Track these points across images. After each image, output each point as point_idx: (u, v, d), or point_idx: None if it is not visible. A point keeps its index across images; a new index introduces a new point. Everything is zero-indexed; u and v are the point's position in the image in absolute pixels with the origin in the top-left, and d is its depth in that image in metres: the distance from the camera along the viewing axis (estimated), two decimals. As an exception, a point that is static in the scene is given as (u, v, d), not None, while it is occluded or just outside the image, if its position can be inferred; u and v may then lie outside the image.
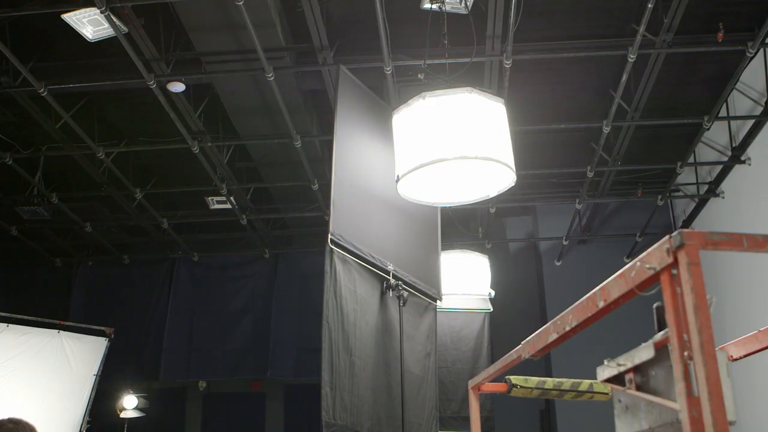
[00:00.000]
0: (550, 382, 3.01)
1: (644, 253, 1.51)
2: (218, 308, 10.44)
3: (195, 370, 10.32)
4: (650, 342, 1.59)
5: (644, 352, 1.62)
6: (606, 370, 1.76)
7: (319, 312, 4.35)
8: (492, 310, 7.75)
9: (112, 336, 8.37)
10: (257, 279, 10.52)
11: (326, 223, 4.63)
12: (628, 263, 1.58)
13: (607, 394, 2.92)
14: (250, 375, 10.72)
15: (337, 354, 4.29)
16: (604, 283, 1.69)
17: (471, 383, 2.91)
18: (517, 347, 2.48)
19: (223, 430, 11.71)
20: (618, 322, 4.82)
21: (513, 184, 4.44)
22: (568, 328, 1.97)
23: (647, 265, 1.49)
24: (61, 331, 8.15)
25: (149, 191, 8.82)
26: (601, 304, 1.72)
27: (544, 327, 2.14)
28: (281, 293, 10.28)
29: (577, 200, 8.91)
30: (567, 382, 3.01)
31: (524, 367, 2.85)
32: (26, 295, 10.51)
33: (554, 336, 2.07)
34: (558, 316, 2.01)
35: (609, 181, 8.63)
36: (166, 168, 8.86)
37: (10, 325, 7.82)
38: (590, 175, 8.06)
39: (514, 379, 2.93)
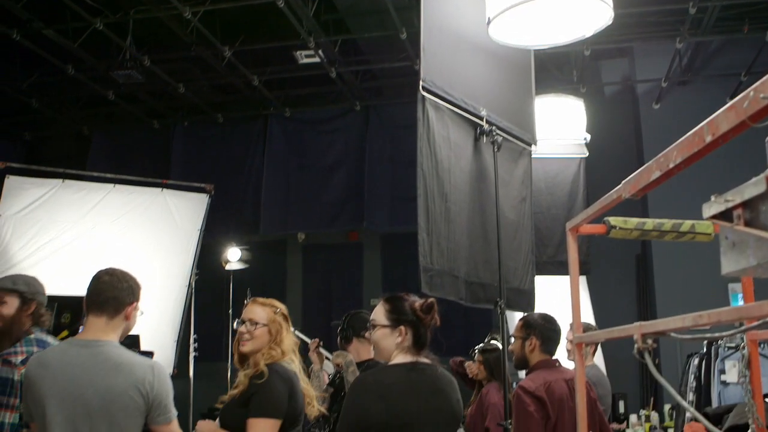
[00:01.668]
0: (650, 222, 2.95)
1: (758, 83, 1.42)
2: (312, 162, 10.60)
3: (293, 222, 10.61)
4: (761, 176, 1.52)
5: (754, 187, 1.55)
6: (712, 207, 1.70)
7: (412, 162, 4.34)
8: (587, 155, 7.60)
9: (212, 192, 8.64)
10: (349, 132, 10.57)
11: (416, 73, 4.55)
12: (732, 103, 1.50)
13: (709, 234, 2.85)
14: (347, 226, 10.97)
15: (432, 201, 4.31)
16: (713, 116, 1.61)
17: (569, 225, 2.88)
18: (617, 187, 2.43)
19: (323, 279, 12.15)
20: (715, 165, 4.68)
21: (610, 23, 4.23)
22: (671, 165, 1.90)
23: (762, 95, 1.41)
24: (164, 190, 8.46)
25: (238, 49, 8.83)
26: (709, 139, 1.65)
27: (646, 165, 2.07)
28: (373, 145, 10.33)
29: (678, 39, 8.47)
30: (668, 223, 2.95)
31: (620, 212, 2.81)
32: (128, 157, 10.88)
33: (657, 174, 2.01)
34: (661, 153, 1.94)
35: (712, 17, 8.14)
36: (253, 24, 8.81)
37: (116, 185, 8.16)
38: (692, 11, 7.62)
39: (613, 220, 2.87)
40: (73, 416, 2.70)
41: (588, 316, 7.45)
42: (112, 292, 2.88)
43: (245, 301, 3.51)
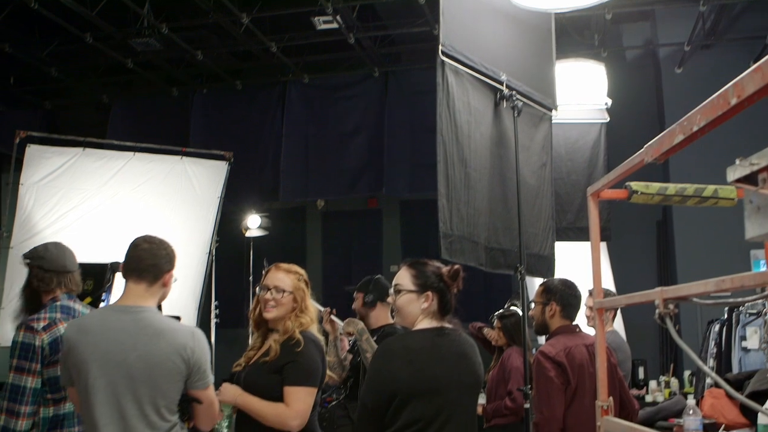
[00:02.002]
0: (672, 187, 2.92)
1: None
2: (331, 129, 10.56)
3: (312, 189, 10.61)
4: (788, 138, 1.50)
5: (780, 150, 1.53)
6: (737, 170, 1.68)
7: (432, 128, 4.32)
8: (608, 120, 7.52)
9: (232, 160, 8.65)
10: (368, 98, 10.52)
11: (435, 38, 4.51)
12: (757, 66, 1.47)
13: (732, 199, 2.82)
14: (366, 192, 10.96)
15: (452, 166, 4.29)
16: (738, 78, 1.58)
17: (590, 190, 2.86)
18: (639, 151, 2.40)
19: (343, 245, 12.18)
20: (737, 129, 4.62)
21: (632, -16, 4.17)
22: (695, 129, 1.88)
23: (790, 55, 1.38)
24: (184, 157, 8.48)
25: (256, 15, 8.78)
26: (734, 101, 1.62)
27: (669, 129, 2.05)
28: (393, 111, 10.28)
29: (701, 1, 8.32)
30: (690, 188, 2.92)
31: (641, 178, 2.78)
32: (148, 125, 10.89)
33: (680, 137, 1.98)
34: (684, 117, 1.91)
35: (737, -23, 8.00)
36: (270, -10, 8.77)
37: (136, 153, 8.19)
38: (716, -29, 7.49)
39: (635, 185, 2.85)
40: (115, 380, 2.74)
41: (608, 282, 7.43)
42: (152, 260, 2.91)
43: (263, 268, 3.52)
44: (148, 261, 2.90)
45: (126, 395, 2.74)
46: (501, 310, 5.44)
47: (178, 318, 4.69)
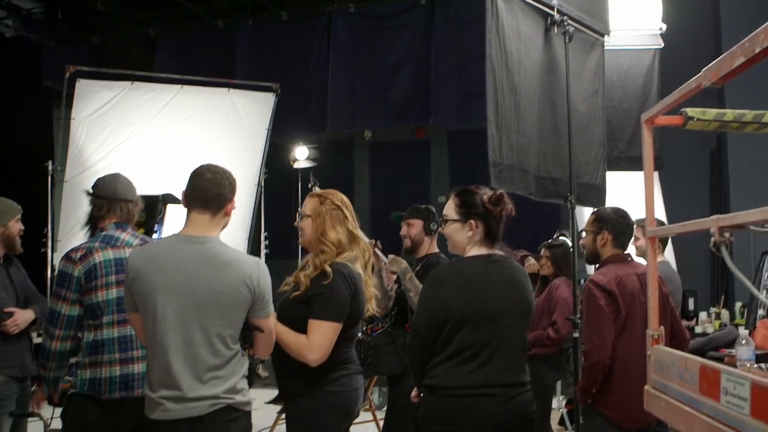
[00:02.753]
0: (729, 113, 2.83)
1: None
2: (378, 58, 10.44)
3: (359, 119, 10.56)
4: None
5: None
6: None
7: (480, 57, 4.25)
8: (662, 46, 7.30)
9: (279, 91, 8.64)
10: (414, 27, 10.34)
11: (483, -37, 4.39)
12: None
13: (792, 125, 2.73)
14: (414, 122, 10.89)
15: (501, 94, 4.23)
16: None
17: (644, 116, 2.79)
18: (697, 75, 2.33)
19: (390, 176, 12.18)
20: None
21: None
22: (757, 50, 1.80)
23: None
24: (231, 90, 8.50)
25: (301, -56, 8.65)
26: (801, 19, 1.55)
27: (729, 51, 1.97)
28: (440, 40, 10.10)
29: None
30: (749, 114, 2.83)
31: (695, 106, 2.70)
32: (194, 58, 10.89)
33: (741, 59, 1.91)
34: (746, 38, 1.84)
35: None
36: None
37: (183, 86, 8.22)
38: None
39: (691, 111, 2.76)
40: (183, 308, 2.79)
41: (659, 212, 7.31)
42: (216, 189, 2.92)
43: (310, 188, 3.51)
44: (213, 191, 2.92)
45: (193, 323, 2.79)
46: (550, 240, 5.40)
47: None
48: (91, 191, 3.50)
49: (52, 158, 7.92)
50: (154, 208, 3.20)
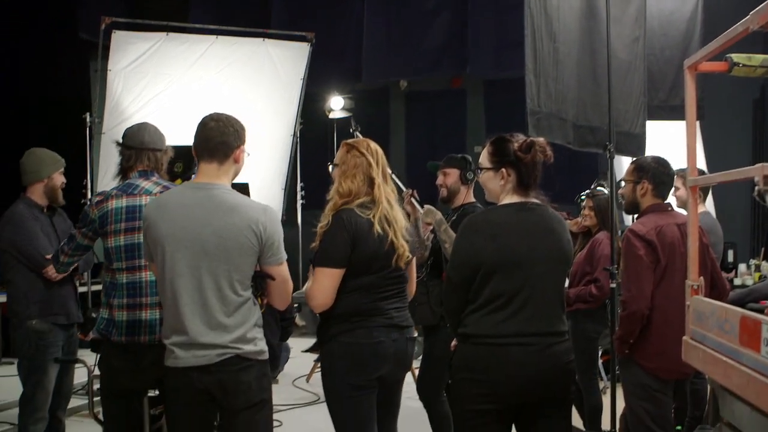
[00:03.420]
0: (776, 58, 2.75)
1: None
2: (414, 7, 10.27)
3: (395, 69, 10.46)
4: None
5: None
6: None
7: (517, 4, 4.18)
8: (706, -9, 7.09)
9: (314, 41, 8.58)
10: (451, -27, 10.17)
11: None
12: None
13: (842, 70, 2.64)
14: (450, 72, 10.75)
15: (540, 41, 4.15)
16: None
17: (687, 62, 2.72)
18: (744, 19, 2.26)
19: (426, 126, 12.09)
20: None
21: None
22: (809, -10, 1.74)
23: None
24: (266, 40, 8.46)
25: None
26: None
27: (779, -8, 1.91)
28: (476, -14, 9.93)
29: None
30: (796, 60, 2.74)
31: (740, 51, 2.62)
32: (228, 8, 10.82)
33: (791, 1, 1.84)
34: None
35: None
36: None
37: (218, 37, 8.19)
38: None
39: (736, 56, 2.69)
40: (190, 254, 2.84)
41: (700, 162, 7.19)
42: (221, 137, 2.94)
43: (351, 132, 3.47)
44: (217, 138, 2.93)
45: (201, 269, 2.84)
46: (588, 191, 5.32)
47: (245, 185, 4.80)
48: (120, 142, 3.56)
49: (89, 110, 7.96)
50: (190, 158, 3.20)
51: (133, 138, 3.51)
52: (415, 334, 3.46)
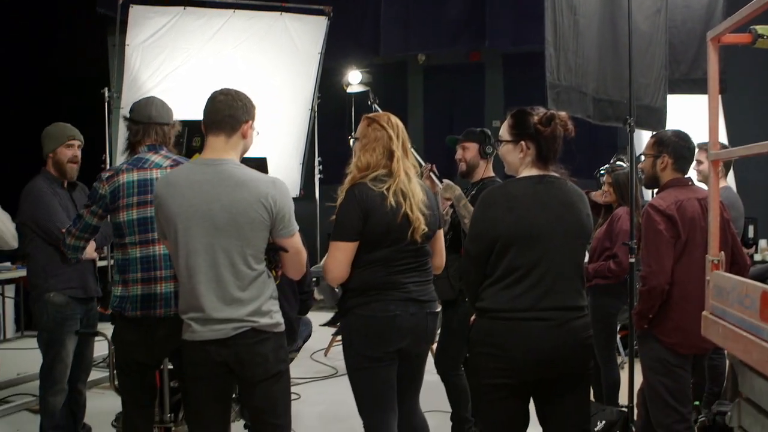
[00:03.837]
0: (801, 28, 2.70)
1: None
2: (432, -22, 10.22)
3: (413, 43, 10.39)
4: None
5: None
6: None
7: (538, -23, 4.12)
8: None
9: (331, 14, 8.53)
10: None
11: None
12: None
13: None
14: (468, 45, 10.68)
15: (560, 13, 4.10)
16: None
17: (710, 34, 2.68)
18: (769, -11, 2.21)
19: (444, 100, 12.02)
20: None
21: None
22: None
23: None
24: (283, 13, 8.42)
25: None
26: None
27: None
28: (496, -42, 9.82)
29: None
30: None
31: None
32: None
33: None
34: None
35: None
36: None
37: (236, 11, 8.16)
38: None
39: (761, 28, 2.65)
40: (201, 231, 2.85)
41: (722, 137, 7.11)
42: (228, 111, 2.94)
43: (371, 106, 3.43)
44: (225, 112, 2.93)
45: (213, 245, 2.85)
46: (607, 165, 5.27)
47: (263, 159, 4.80)
48: (127, 116, 3.56)
49: (108, 85, 7.98)
50: (208, 132, 3.24)
51: (141, 112, 3.52)
52: (438, 308, 3.45)
